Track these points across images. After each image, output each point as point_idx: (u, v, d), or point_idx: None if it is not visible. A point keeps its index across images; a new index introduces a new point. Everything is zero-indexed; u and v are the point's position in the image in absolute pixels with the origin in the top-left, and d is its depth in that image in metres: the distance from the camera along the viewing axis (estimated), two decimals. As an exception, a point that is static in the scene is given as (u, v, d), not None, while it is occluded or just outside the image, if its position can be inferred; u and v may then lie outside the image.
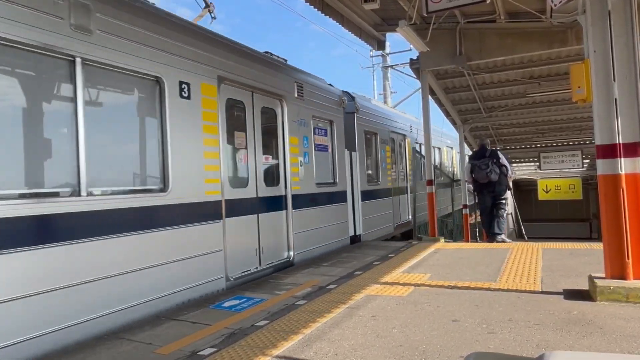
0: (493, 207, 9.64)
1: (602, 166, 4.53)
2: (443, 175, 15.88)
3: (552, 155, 19.24)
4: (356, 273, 6.11)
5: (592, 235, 22.10)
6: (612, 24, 4.43)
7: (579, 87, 4.80)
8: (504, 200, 9.69)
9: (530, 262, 6.36)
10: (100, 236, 4.03)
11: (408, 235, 12.16)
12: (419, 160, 13.60)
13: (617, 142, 4.41)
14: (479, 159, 9.53)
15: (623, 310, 4.07)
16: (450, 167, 17.99)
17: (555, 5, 5.68)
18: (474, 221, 15.79)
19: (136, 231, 4.36)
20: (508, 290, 4.94)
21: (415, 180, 13.03)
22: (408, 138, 12.76)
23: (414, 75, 11.57)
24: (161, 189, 4.74)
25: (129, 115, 4.74)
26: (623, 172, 4.39)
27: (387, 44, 19.04)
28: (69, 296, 3.76)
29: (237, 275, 5.69)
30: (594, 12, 4.53)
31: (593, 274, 4.67)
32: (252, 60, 6.39)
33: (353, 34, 10.09)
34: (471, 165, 9.68)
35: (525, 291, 4.87)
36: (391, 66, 20.84)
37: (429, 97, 11.49)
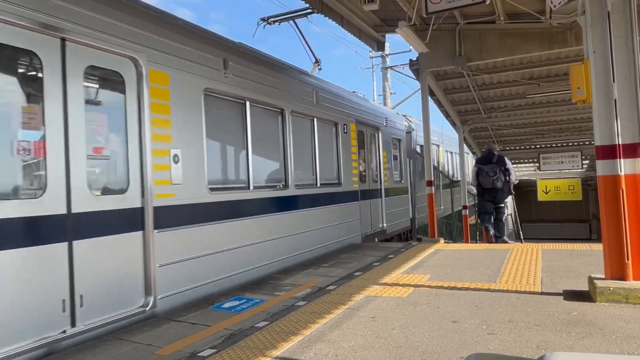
0: (493, 210, 9.86)
1: (602, 167, 4.53)
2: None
3: (552, 156, 19.26)
4: (356, 274, 6.10)
5: (592, 236, 22.12)
6: (612, 25, 4.43)
7: (578, 88, 4.80)
8: (502, 205, 9.92)
9: (530, 263, 6.36)
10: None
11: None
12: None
13: (617, 143, 4.41)
14: (486, 164, 9.73)
15: (623, 311, 4.07)
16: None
17: (554, 6, 5.70)
18: (474, 222, 15.82)
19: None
20: (508, 291, 4.94)
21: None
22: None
23: (414, 76, 11.57)
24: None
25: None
26: (623, 173, 4.40)
27: (387, 45, 19.07)
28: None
29: None
30: (594, 13, 4.54)
31: (593, 275, 4.67)
32: (368, 111, 10.21)
33: (353, 35, 10.09)
34: (477, 168, 9.88)
35: (525, 292, 4.86)
36: (391, 67, 20.84)
37: (429, 98, 11.49)
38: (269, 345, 3.59)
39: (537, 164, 19.79)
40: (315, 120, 7.98)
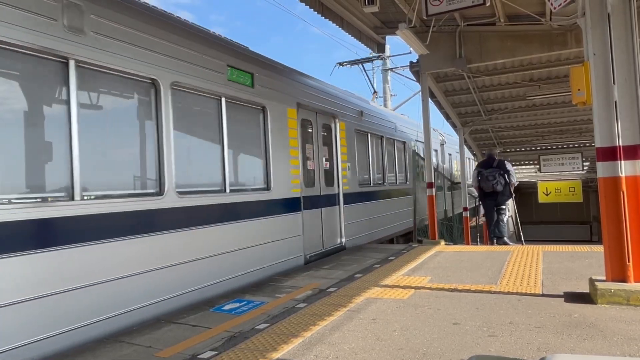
0: (495, 212, 10.09)
1: (602, 169, 4.53)
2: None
3: (552, 158, 19.26)
4: (356, 276, 6.10)
5: (593, 238, 22.08)
6: (612, 26, 4.44)
7: (579, 90, 4.80)
8: (504, 207, 10.17)
9: (530, 265, 6.35)
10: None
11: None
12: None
13: (617, 145, 4.42)
14: (487, 168, 10.00)
15: (624, 313, 4.07)
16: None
17: (555, 8, 5.69)
18: (475, 224, 15.81)
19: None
20: (509, 293, 4.93)
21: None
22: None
23: (414, 78, 11.58)
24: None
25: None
26: (623, 175, 4.39)
27: (387, 46, 19.07)
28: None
29: None
30: (594, 15, 4.55)
31: (594, 277, 4.67)
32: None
33: (353, 37, 10.10)
34: (478, 172, 10.15)
35: (526, 294, 4.86)
36: (391, 69, 20.83)
37: (429, 100, 11.50)
38: (269, 348, 3.59)
39: (538, 166, 19.79)
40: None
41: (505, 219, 10.21)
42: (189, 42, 5.37)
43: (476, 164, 14.60)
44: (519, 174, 20.88)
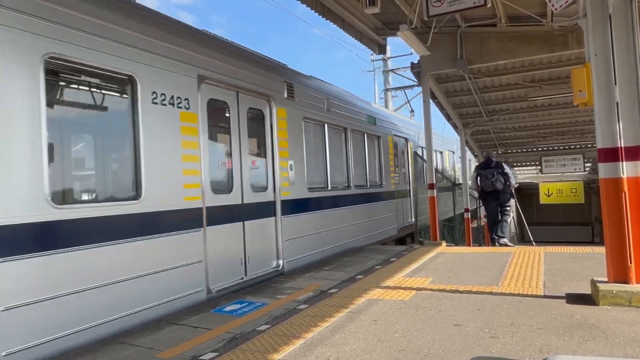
0: (498, 213, 10.08)
1: (604, 170, 4.52)
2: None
3: (554, 159, 19.27)
4: (358, 277, 6.09)
5: (594, 239, 22.04)
6: (613, 27, 4.43)
7: (580, 91, 4.79)
8: (508, 207, 10.19)
9: (532, 266, 6.34)
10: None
11: None
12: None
13: (619, 146, 4.41)
14: (485, 169, 10.06)
15: (626, 315, 4.06)
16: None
17: (556, 9, 5.69)
18: (476, 225, 15.81)
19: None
20: (510, 294, 4.92)
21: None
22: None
23: (415, 79, 11.59)
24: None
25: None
26: (625, 176, 4.39)
27: (388, 47, 19.08)
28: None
29: None
30: (595, 16, 4.54)
31: (595, 278, 4.66)
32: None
33: (354, 38, 10.11)
34: (477, 174, 10.23)
35: (527, 295, 4.85)
36: (392, 70, 20.83)
37: (430, 101, 11.51)
38: (270, 349, 3.59)
39: (539, 167, 19.78)
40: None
41: (508, 220, 10.22)
42: None
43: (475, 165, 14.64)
44: (521, 175, 20.88)
